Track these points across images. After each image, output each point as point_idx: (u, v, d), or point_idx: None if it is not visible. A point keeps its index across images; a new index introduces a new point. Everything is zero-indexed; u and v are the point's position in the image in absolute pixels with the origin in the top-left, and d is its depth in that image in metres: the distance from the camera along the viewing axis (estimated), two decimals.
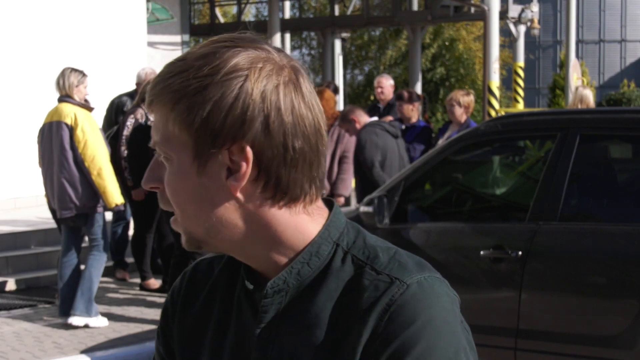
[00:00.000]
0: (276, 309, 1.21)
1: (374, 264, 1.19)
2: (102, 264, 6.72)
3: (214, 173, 1.16)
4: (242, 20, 25.03)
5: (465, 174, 5.78)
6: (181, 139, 1.15)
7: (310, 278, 1.20)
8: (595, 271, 4.52)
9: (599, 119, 4.97)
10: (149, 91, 1.17)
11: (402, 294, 1.14)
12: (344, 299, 1.18)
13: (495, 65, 15.78)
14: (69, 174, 6.45)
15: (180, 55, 1.20)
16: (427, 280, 1.16)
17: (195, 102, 1.14)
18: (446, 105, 8.14)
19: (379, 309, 1.14)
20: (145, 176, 1.19)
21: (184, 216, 1.20)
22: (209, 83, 1.13)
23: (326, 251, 1.21)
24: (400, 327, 1.12)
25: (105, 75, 10.69)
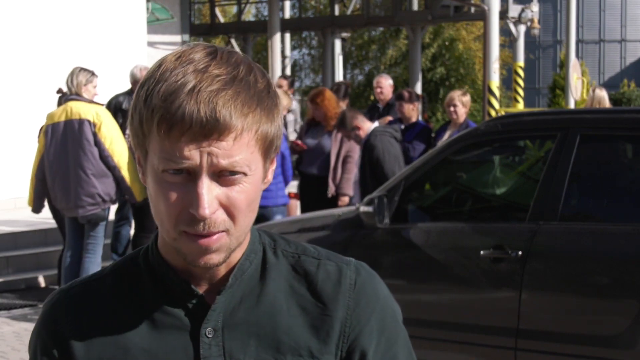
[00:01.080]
0: (222, 305, 1.26)
1: (306, 253, 1.32)
2: (98, 265, 6.75)
3: (266, 176, 1.27)
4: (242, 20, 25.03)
5: (465, 174, 5.78)
6: (259, 152, 1.21)
7: (249, 273, 1.28)
8: (595, 271, 4.52)
9: (599, 119, 4.97)
10: (212, 117, 1.15)
11: (357, 275, 1.31)
12: (294, 286, 1.29)
13: (495, 65, 15.78)
14: (96, 171, 6.51)
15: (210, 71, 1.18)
16: (359, 262, 1.34)
17: (268, 117, 1.21)
18: (446, 106, 8.14)
19: (345, 289, 1.29)
20: (209, 203, 1.16)
21: (242, 227, 1.22)
22: (271, 96, 1.22)
23: (258, 248, 1.31)
24: (369, 302, 1.30)
25: (106, 75, 10.68)
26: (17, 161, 10.18)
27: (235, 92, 1.17)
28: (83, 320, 1.28)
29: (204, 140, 1.16)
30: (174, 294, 1.27)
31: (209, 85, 1.16)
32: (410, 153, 8.03)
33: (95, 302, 1.30)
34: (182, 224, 1.19)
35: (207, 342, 1.25)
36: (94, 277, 1.33)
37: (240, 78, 1.19)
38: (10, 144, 10.47)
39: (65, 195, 6.58)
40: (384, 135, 7.21)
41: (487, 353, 4.70)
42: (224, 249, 1.21)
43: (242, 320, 1.26)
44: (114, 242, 8.51)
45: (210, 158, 1.16)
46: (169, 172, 1.18)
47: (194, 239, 1.19)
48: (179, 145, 1.16)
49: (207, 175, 1.17)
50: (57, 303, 1.31)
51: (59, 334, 1.28)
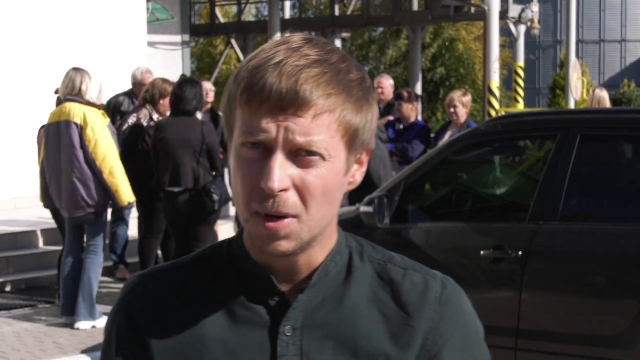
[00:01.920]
0: (303, 305, 1.24)
1: (393, 262, 1.30)
2: (99, 266, 6.73)
3: (350, 172, 1.24)
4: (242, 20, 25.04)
5: (465, 174, 5.78)
6: (341, 141, 1.19)
7: (332, 275, 1.27)
8: (595, 271, 4.52)
9: (599, 119, 4.97)
10: (293, 90, 1.14)
11: (443, 288, 1.28)
12: (378, 292, 1.27)
13: (495, 65, 15.78)
14: (80, 173, 6.46)
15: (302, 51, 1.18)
16: (445, 276, 1.32)
17: (354, 106, 1.19)
18: (446, 106, 8.15)
19: (430, 301, 1.26)
20: (279, 177, 1.14)
21: (315, 216, 1.18)
22: (365, 88, 1.21)
23: (344, 251, 1.29)
24: (453, 317, 1.27)
25: (106, 75, 10.68)
26: (17, 161, 10.18)
27: (322, 72, 1.15)
28: (160, 306, 1.28)
29: (281, 113, 1.14)
30: (255, 289, 1.25)
31: (296, 60, 1.15)
32: (409, 153, 8.03)
33: (174, 289, 1.29)
34: (253, 201, 1.16)
35: (285, 340, 1.23)
36: (175, 263, 1.33)
37: (330, 62, 1.17)
38: (10, 144, 10.47)
39: (58, 196, 6.58)
40: None
41: None
42: (293, 236, 1.17)
43: (322, 322, 1.24)
44: (111, 242, 8.51)
45: (287, 133, 1.14)
46: (247, 145, 1.17)
47: (263, 222, 1.16)
48: (257, 117, 1.15)
49: (283, 151, 1.15)
50: (135, 287, 1.30)
51: (135, 318, 1.28)
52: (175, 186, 6.70)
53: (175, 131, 6.69)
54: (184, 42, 15.25)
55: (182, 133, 6.67)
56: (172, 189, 6.71)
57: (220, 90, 30.91)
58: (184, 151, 6.67)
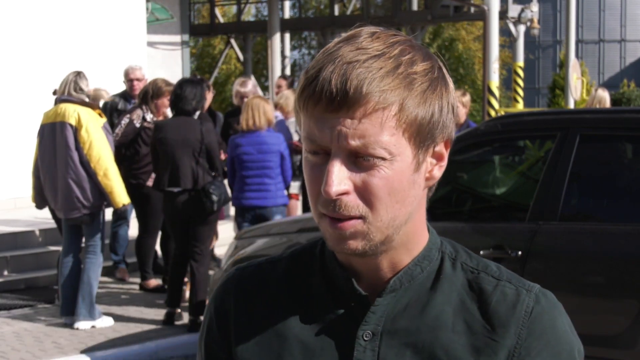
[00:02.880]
0: (384, 309, 1.21)
1: (487, 271, 1.24)
2: (99, 266, 6.72)
3: (424, 167, 1.20)
4: (242, 20, 25.04)
5: (465, 174, 5.78)
6: (404, 137, 1.14)
7: (419, 280, 1.23)
8: (595, 271, 4.52)
9: (599, 119, 4.97)
10: (342, 90, 1.10)
11: (535, 303, 1.20)
12: (466, 303, 1.22)
13: (495, 65, 15.77)
14: (75, 175, 6.45)
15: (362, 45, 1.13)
16: (542, 289, 1.24)
17: (419, 99, 1.14)
18: None
19: (519, 316, 1.19)
20: (337, 181, 1.12)
21: (384, 217, 1.15)
22: (432, 79, 1.15)
23: (435, 256, 1.26)
24: (544, 334, 1.19)
25: (105, 75, 10.69)
26: (17, 161, 10.18)
27: (377, 67, 1.11)
28: (249, 300, 1.28)
29: (334, 114, 1.11)
30: (338, 290, 1.24)
31: (352, 57, 1.11)
32: None
33: (265, 285, 1.29)
34: (320, 205, 1.15)
35: (363, 345, 1.20)
36: (271, 259, 1.33)
37: (390, 55, 1.12)
38: (10, 144, 10.47)
39: (54, 197, 6.57)
40: None
41: None
42: (360, 236, 1.15)
43: (403, 329, 1.20)
44: (112, 242, 8.52)
45: (341, 137, 1.11)
46: (310, 152, 1.15)
47: (330, 222, 1.15)
48: (313, 120, 1.13)
49: (341, 154, 1.12)
50: (229, 280, 1.32)
51: (224, 310, 1.30)
52: (174, 186, 6.70)
53: (174, 131, 6.69)
54: (183, 42, 15.25)
55: (182, 133, 6.67)
56: (171, 189, 6.71)
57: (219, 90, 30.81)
58: (183, 151, 6.67)
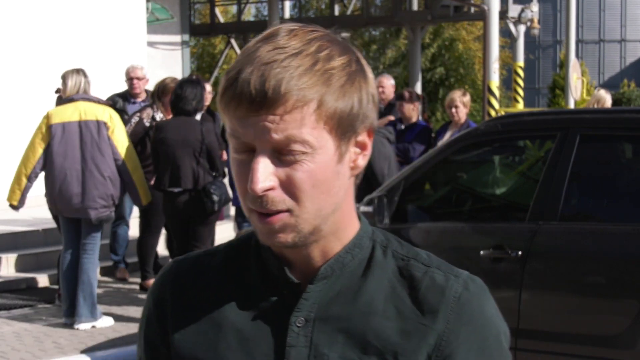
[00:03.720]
0: (316, 296, 1.24)
1: (417, 259, 1.27)
2: (97, 265, 6.74)
3: (348, 157, 1.21)
4: (242, 20, 25.04)
5: (465, 174, 5.78)
6: (325, 130, 1.17)
7: (350, 268, 1.25)
8: (595, 271, 4.52)
9: (599, 119, 4.97)
10: (261, 91, 1.13)
11: (464, 288, 1.23)
12: (397, 289, 1.25)
13: (495, 65, 15.78)
14: (111, 173, 6.55)
15: (279, 44, 1.16)
16: (471, 275, 1.27)
17: (337, 93, 1.16)
18: (447, 107, 8.16)
19: (448, 301, 1.22)
20: (262, 178, 1.15)
21: (311, 209, 1.18)
22: (349, 73, 1.18)
23: (366, 244, 1.27)
24: (472, 319, 1.22)
25: (105, 75, 10.68)
26: (17, 161, 10.17)
27: (295, 66, 1.14)
28: (185, 291, 1.31)
29: (255, 113, 1.14)
30: (272, 279, 1.26)
31: (270, 57, 1.14)
32: (410, 153, 8.03)
33: (202, 276, 1.31)
34: (248, 201, 1.18)
35: (296, 331, 1.23)
36: (208, 251, 1.35)
37: (308, 52, 1.15)
38: (10, 144, 10.46)
39: (76, 195, 6.50)
40: (376, 135, 7.19)
41: None
42: (289, 229, 1.18)
43: (335, 315, 1.23)
44: (112, 242, 8.51)
45: (263, 133, 1.14)
46: (235, 150, 1.18)
47: (258, 217, 1.18)
48: (236, 120, 1.16)
49: (265, 151, 1.15)
50: (167, 273, 1.34)
51: (162, 301, 1.32)
52: (175, 187, 6.70)
53: (174, 131, 6.69)
54: (183, 42, 15.26)
55: (182, 133, 6.67)
56: (172, 190, 6.71)
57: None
58: (183, 152, 6.67)
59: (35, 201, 8.20)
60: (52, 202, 6.65)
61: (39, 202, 7.25)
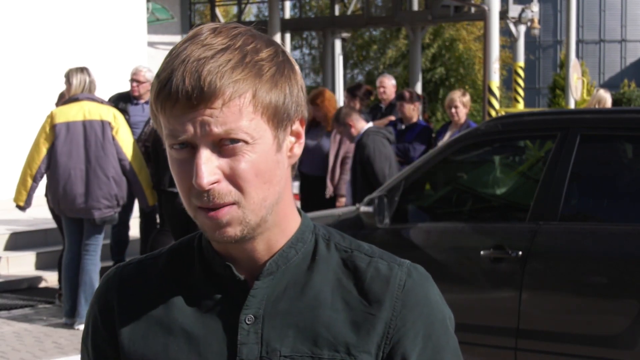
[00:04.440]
0: (264, 292, 1.25)
1: (360, 250, 1.29)
2: (99, 266, 6.73)
3: (285, 146, 1.24)
4: (242, 20, 25.03)
5: (465, 174, 5.78)
6: (262, 120, 1.19)
7: (295, 262, 1.27)
8: (595, 271, 4.52)
9: (599, 119, 4.97)
10: (198, 87, 1.15)
11: (407, 276, 1.26)
12: (342, 281, 1.26)
13: (496, 65, 15.77)
14: (116, 173, 6.55)
15: (206, 42, 1.18)
16: (413, 264, 1.30)
17: (269, 84, 1.19)
18: (447, 107, 8.17)
19: (393, 289, 1.25)
20: (207, 172, 1.16)
21: (255, 199, 1.20)
22: (278, 64, 1.21)
23: (309, 238, 1.29)
24: (417, 305, 1.25)
25: (106, 75, 10.68)
26: (17, 161, 10.17)
27: (225, 60, 1.16)
28: (132, 296, 1.31)
29: (194, 110, 1.16)
30: (218, 278, 1.27)
31: (199, 54, 1.16)
32: (410, 153, 8.03)
33: (147, 280, 1.32)
34: (193, 198, 1.19)
35: (246, 328, 1.24)
36: (150, 255, 1.36)
37: (235, 47, 1.18)
38: (10, 144, 10.46)
39: (80, 195, 6.49)
40: (376, 135, 7.21)
41: (487, 353, 4.70)
42: (236, 221, 1.19)
43: (284, 310, 1.24)
44: (112, 244, 8.51)
45: (203, 127, 1.16)
46: (175, 147, 1.19)
47: (205, 213, 1.19)
48: (174, 119, 1.17)
49: (206, 145, 1.17)
50: (111, 279, 1.34)
51: (108, 308, 1.31)
52: (174, 187, 6.70)
53: None
54: None
55: None
56: (172, 190, 6.72)
57: None
58: None
59: (36, 201, 8.19)
60: (55, 202, 6.61)
61: (40, 202, 7.24)
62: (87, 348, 1.35)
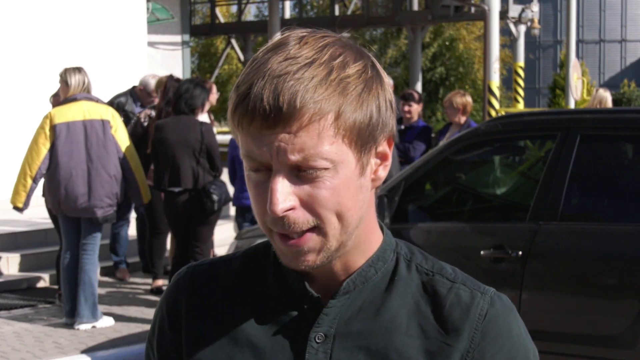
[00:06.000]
0: (337, 311, 1.19)
1: (442, 273, 1.23)
2: (97, 265, 6.74)
3: (369, 169, 1.16)
4: (242, 20, 25.03)
5: (465, 174, 5.78)
6: (344, 143, 1.11)
7: (373, 282, 1.20)
8: (595, 271, 4.52)
9: (599, 119, 4.97)
10: (276, 106, 1.06)
11: (490, 306, 1.19)
12: (420, 306, 1.20)
13: (496, 65, 15.78)
14: (117, 171, 6.58)
15: (290, 54, 1.09)
16: (498, 293, 1.23)
17: (355, 103, 1.10)
18: (444, 107, 8.21)
19: (473, 319, 1.18)
20: (282, 198, 1.08)
21: (335, 226, 1.12)
22: (366, 80, 1.12)
23: (390, 257, 1.23)
24: (498, 338, 1.17)
25: (106, 75, 10.69)
26: (17, 161, 10.17)
27: (309, 77, 1.07)
28: (202, 299, 1.26)
29: (271, 130, 1.08)
30: (292, 293, 1.21)
31: (282, 68, 1.08)
32: (410, 153, 8.04)
33: (218, 284, 1.27)
34: (268, 223, 1.13)
35: (315, 347, 1.17)
36: (224, 258, 1.30)
37: (321, 61, 1.08)
38: (10, 144, 10.46)
39: (82, 195, 6.48)
40: None
41: None
42: (317, 249, 1.13)
43: (357, 331, 1.18)
44: (112, 243, 8.51)
45: (280, 152, 1.08)
46: (252, 170, 1.13)
47: (283, 239, 1.13)
48: (250, 138, 1.10)
49: (283, 170, 1.09)
50: (182, 279, 1.29)
51: (176, 309, 1.27)
52: (175, 186, 6.71)
53: (174, 131, 6.69)
54: (184, 42, 15.25)
55: (182, 133, 6.68)
56: (172, 189, 6.72)
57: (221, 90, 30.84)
58: (183, 151, 6.68)
59: (36, 201, 8.20)
60: (56, 202, 6.58)
61: (39, 202, 7.24)
62: (152, 348, 1.30)
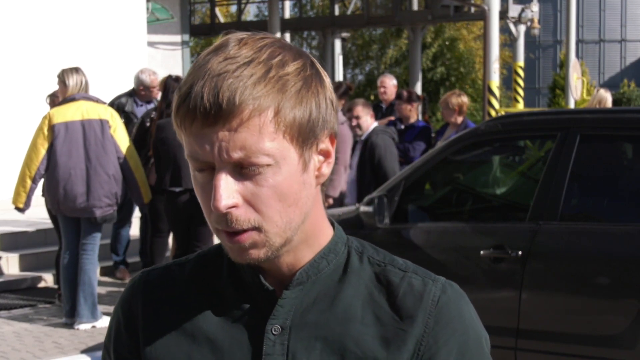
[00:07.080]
0: (292, 303, 1.21)
1: (393, 264, 1.26)
2: (97, 265, 6.74)
3: (312, 166, 1.18)
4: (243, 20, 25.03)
5: (465, 174, 5.78)
6: (285, 139, 1.13)
7: (326, 273, 1.23)
8: (595, 271, 4.52)
9: (599, 118, 4.97)
10: (216, 103, 1.08)
11: (442, 292, 1.22)
12: (374, 295, 1.22)
13: (495, 65, 15.77)
14: (116, 171, 6.58)
15: (230, 54, 1.12)
16: (448, 280, 1.26)
17: (295, 100, 1.12)
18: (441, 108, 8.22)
19: (426, 305, 1.21)
20: (225, 195, 1.11)
21: (279, 223, 1.15)
22: (305, 78, 1.14)
23: (341, 250, 1.25)
24: (451, 323, 1.21)
25: (105, 75, 10.69)
26: (17, 161, 10.17)
27: (248, 75, 1.09)
28: (157, 302, 1.27)
29: (211, 129, 1.10)
30: (246, 287, 1.23)
31: (221, 68, 1.10)
32: (410, 153, 8.04)
33: (173, 286, 1.28)
34: (214, 221, 1.15)
35: (272, 339, 1.20)
36: (177, 261, 1.32)
37: (260, 60, 1.11)
38: (10, 144, 10.47)
39: (81, 195, 6.48)
40: (385, 135, 7.25)
41: None
42: (260, 244, 1.15)
43: (312, 322, 1.20)
44: (113, 242, 8.51)
45: (221, 150, 1.10)
46: (196, 170, 1.15)
47: (227, 236, 1.15)
48: (192, 138, 1.13)
49: (225, 168, 1.11)
50: (136, 283, 1.30)
51: (132, 314, 1.28)
52: (176, 186, 6.71)
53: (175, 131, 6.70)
54: (184, 42, 15.25)
55: None
56: (173, 189, 6.72)
57: None
58: (184, 151, 6.68)
59: (36, 201, 8.20)
60: (55, 202, 6.58)
61: (39, 202, 7.24)
62: (109, 353, 1.31)
